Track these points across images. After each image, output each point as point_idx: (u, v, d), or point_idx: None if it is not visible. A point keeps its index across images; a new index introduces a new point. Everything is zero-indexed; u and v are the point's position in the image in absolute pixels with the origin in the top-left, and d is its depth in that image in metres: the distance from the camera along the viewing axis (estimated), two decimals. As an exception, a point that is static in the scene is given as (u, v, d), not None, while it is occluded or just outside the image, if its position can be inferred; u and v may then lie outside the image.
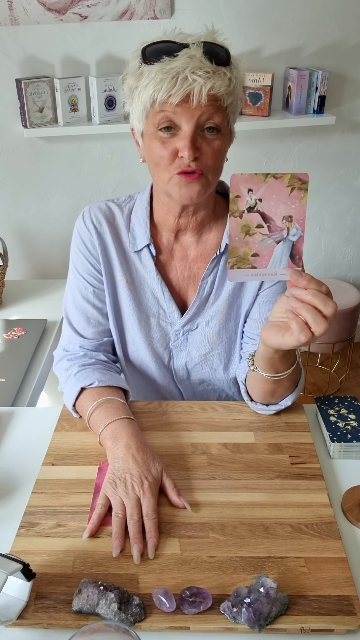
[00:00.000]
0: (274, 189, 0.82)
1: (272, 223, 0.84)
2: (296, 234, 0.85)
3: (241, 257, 0.86)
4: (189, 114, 0.99)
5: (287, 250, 0.86)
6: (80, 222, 1.21)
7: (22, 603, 0.78)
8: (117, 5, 2.34)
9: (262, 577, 0.78)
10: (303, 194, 0.83)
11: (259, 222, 0.84)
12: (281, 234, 0.85)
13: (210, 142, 1.03)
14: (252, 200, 0.83)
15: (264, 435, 1.09)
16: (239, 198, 0.82)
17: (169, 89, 0.97)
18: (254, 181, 0.82)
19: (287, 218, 0.84)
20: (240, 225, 0.84)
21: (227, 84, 1.00)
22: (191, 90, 0.97)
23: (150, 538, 0.87)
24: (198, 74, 0.97)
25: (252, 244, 0.85)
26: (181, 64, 0.97)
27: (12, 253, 2.60)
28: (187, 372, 1.26)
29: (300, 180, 0.82)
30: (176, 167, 1.03)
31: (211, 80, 0.98)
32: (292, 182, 0.82)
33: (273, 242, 0.85)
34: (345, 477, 1.01)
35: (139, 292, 1.21)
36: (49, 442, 1.08)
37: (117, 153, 2.60)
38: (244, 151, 2.66)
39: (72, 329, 1.22)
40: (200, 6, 2.40)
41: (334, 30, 2.52)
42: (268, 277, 0.88)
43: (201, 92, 0.97)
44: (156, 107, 1.01)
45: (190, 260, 1.20)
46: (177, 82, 0.97)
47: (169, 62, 0.98)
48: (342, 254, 3.03)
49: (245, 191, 0.82)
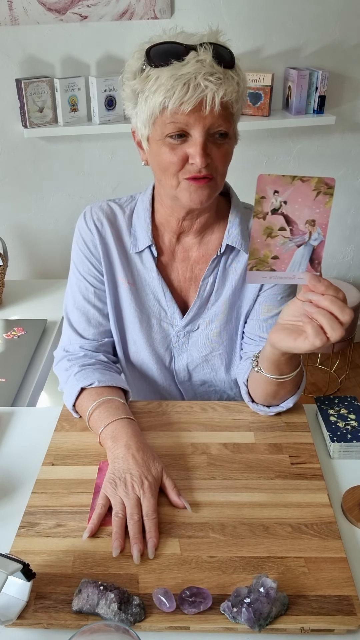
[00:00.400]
0: (300, 192, 0.81)
1: (295, 226, 0.83)
2: (318, 238, 0.84)
3: (261, 259, 0.85)
4: (201, 121, 0.97)
5: (308, 255, 0.85)
6: (81, 222, 1.20)
7: (22, 603, 0.78)
8: (117, 5, 2.34)
9: (262, 577, 0.78)
10: (328, 199, 0.82)
11: (282, 224, 0.83)
12: (303, 238, 0.84)
13: (220, 147, 1.02)
14: (277, 202, 0.82)
15: (264, 435, 1.09)
16: (264, 199, 0.81)
17: (181, 97, 0.95)
18: (280, 183, 0.80)
19: (310, 222, 0.83)
20: (263, 227, 0.83)
21: (236, 90, 0.98)
22: (204, 97, 0.95)
23: (150, 538, 0.87)
24: (210, 80, 0.94)
25: (273, 246, 0.84)
26: (193, 70, 0.94)
27: (12, 253, 2.60)
28: (189, 373, 1.26)
29: (326, 185, 0.81)
30: (186, 173, 1.02)
31: (223, 86, 0.96)
32: (318, 186, 0.81)
33: (294, 246, 0.84)
34: (345, 477, 1.01)
35: (140, 293, 1.21)
36: (49, 442, 1.08)
37: (117, 153, 2.60)
38: (244, 151, 2.66)
39: (73, 330, 1.22)
40: (200, 6, 2.40)
41: (334, 30, 2.52)
42: (286, 280, 0.87)
43: (214, 100, 0.95)
44: (167, 114, 0.98)
45: (192, 262, 1.20)
46: (189, 89, 0.94)
47: (179, 67, 0.95)
48: (342, 254, 3.03)
49: (272, 192, 0.81)
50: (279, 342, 0.92)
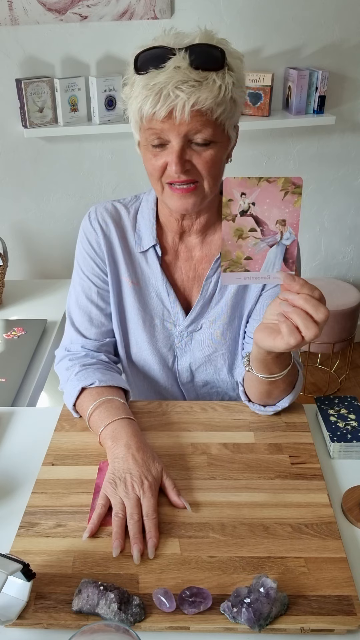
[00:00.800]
0: (268, 192, 0.82)
1: (266, 227, 0.84)
2: (290, 237, 0.85)
3: (234, 261, 0.86)
4: (175, 130, 0.98)
5: (281, 254, 0.86)
6: (86, 222, 1.20)
7: (22, 603, 0.78)
8: (117, 5, 2.34)
9: (262, 577, 0.78)
10: (297, 198, 0.82)
11: (252, 225, 0.84)
12: (274, 238, 0.85)
13: (201, 153, 1.02)
14: (245, 204, 0.82)
15: (264, 435, 1.09)
16: (232, 202, 0.82)
17: (153, 105, 0.96)
18: (247, 185, 0.81)
19: (281, 222, 0.84)
20: (233, 228, 0.84)
21: (215, 95, 0.97)
22: (174, 106, 0.96)
23: (151, 538, 0.87)
24: (181, 88, 0.94)
25: (245, 247, 0.85)
26: (164, 79, 0.95)
27: (12, 253, 2.60)
28: (191, 373, 1.26)
29: (294, 184, 0.81)
30: (167, 178, 1.04)
31: (195, 94, 0.95)
32: (285, 186, 0.82)
33: (266, 246, 0.85)
34: (345, 477, 1.01)
35: (144, 292, 1.21)
36: (49, 442, 1.08)
37: (117, 153, 2.60)
38: (244, 151, 2.66)
39: (75, 329, 1.22)
40: (200, 6, 2.40)
41: (334, 30, 2.52)
42: (261, 280, 0.87)
43: (184, 108, 0.95)
44: (144, 122, 1.00)
45: (195, 261, 1.20)
46: (160, 97, 0.95)
47: (155, 75, 0.96)
48: (342, 254, 3.03)
49: (238, 195, 0.82)
50: (260, 341, 0.92)
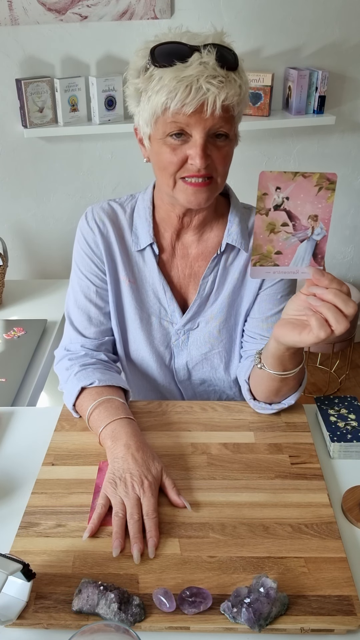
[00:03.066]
0: (302, 187, 0.82)
1: (298, 222, 0.84)
2: (320, 233, 0.85)
3: (264, 255, 0.86)
4: (202, 124, 0.99)
5: (311, 249, 0.86)
6: (83, 223, 1.21)
7: (22, 603, 0.78)
8: (117, 5, 2.34)
9: (262, 577, 0.78)
10: (330, 194, 0.82)
11: (284, 220, 0.84)
12: (305, 233, 0.85)
13: (220, 148, 1.03)
14: (279, 198, 0.82)
15: (264, 435, 1.09)
16: (267, 196, 0.82)
17: (183, 99, 0.96)
18: (282, 179, 0.81)
19: (313, 217, 0.84)
20: (266, 223, 0.84)
21: (238, 92, 0.99)
22: (205, 100, 0.96)
23: (151, 537, 0.87)
24: (212, 83, 0.95)
25: (275, 241, 0.85)
26: (195, 72, 0.95)
27: (12, 253, 2.60)
28: (188, 371, 1.26)
29: (328, 180, 0.82)
30: (184, 172, 1.04)
31: (225, 89, 0.96)
32: (320, 182, 0.82)
33: (297, 241, 0.85)
34: (345, 477, 1.01)
35: (141, 291, 1.21)
36: (49, 442, 1.08)
37: (117, 153, 2.60)
38: (244, 151, 2.66)
39: (74, 329, 1.22)
40: (200, 6, 2.40)
41: (334, 30, 2.52)
42: (290, 274, 0.88)
43: (215, 102, 0.96)
44: (168, 115, 0.99)
45: (191, 259, 1.21)
46: (191, 91, 0.95)
47: (182, 68, 0.96)
48: (342, 254, 3.03)
49: (273, 189, 0.82)
50: (283, 337, 0.92)
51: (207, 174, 1.03)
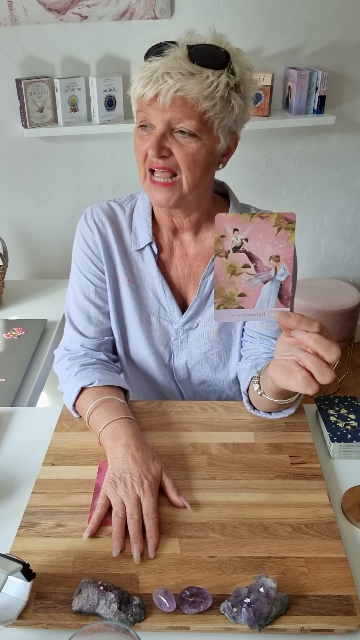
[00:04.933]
0: (260, 228, 0.80)
1: (259, 263, 0.82)
2: (284, 273, 0.83)
3: (227, 297, 0.84)
4: (159, 114, 1.01)
5: (275, 290, 0.84)
6: (82, 223, 1.21)
7: (22, 603, 0.78)
8: (117, 5, 2.34)
9: (262, 577, 0.78)
10: (290, 234, 0.81)
11: (245, 261, 0.82)
12: (269, 274, 0.83)
13: (183, 144, 1.03)
14: (237, 240, 0.81)
15: (264, 435, 1.09)
16: (224, 238, 0.81)
17: (144, 86, 1.00)
18: (239, 221, 0.80)
19: (275, 258, 0.82)
20: (226, 265, 0.82)
21: (203, 87, 0.99)
22: (160, 90, 0.99)
23: (151, 537, 0.87)
24: (171, 75, 0.98)
25: (238, 284, 0.83)
26: (158, 64, 0.99)
27: (12, 253, 2.60)
28: (188, 371, 1.26)
29: (287, 220, 0.80)
30: (148, 162, 1.06)
31: (182, 82, 0.98)
32: (278, 222, 0.80)
33: (260, 282, 0.83)
34: (345, 477, 1.01)
35: (140, 290, 1.21)
36: (49, 442, 1.08)
37: (117, 153, 2.60)
38: (244, 151, 2.65)
39: (74, 328, 1.22)
40: (200, 6, 2.40)
41: (334, 30, 2.52)
42: (256, 317, 0.85)
43: (168, 93, 0.98)
44: (137, 104, 1.05)
45: (190, 258, 1.21)
46: (151, 80, 0.99)
47: (153, 61, 1.01)
48: (342, 254, 3.03)
49: (231, 231, 0.80)
50: (276, 381, 0.90)
51: (166, 168, 1.04)
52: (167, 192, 1.06)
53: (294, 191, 2.82)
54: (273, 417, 1.11)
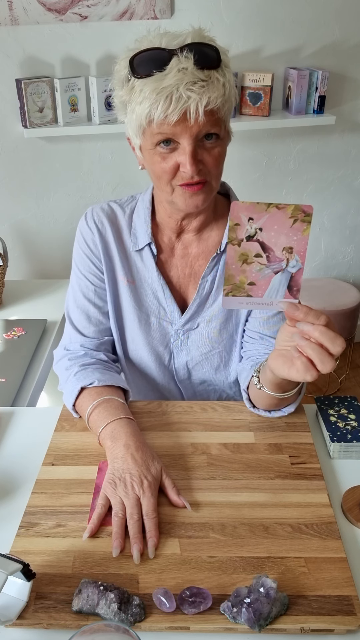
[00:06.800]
0: (276, 219, 0.79)
1: (272, 253, 0.82)
2: (296, 265, 0.83)
3: (237, 285, 0.84)
4: (188, 131, 0.98)
5: (285, 282, 0.84)
6: (82, 223, 1.21)
7: (22, 603, 0.78)
8: (117, 5, 2.34)
9: (262, 577, 0.78)
10: (306, 227, 0.80)
11: (257, 251, 0.81)
12: (280, 265, 0.82)
13: (211, 150, 1.02)
14: (252, 229, 0.80)
15: (264, 435, 1.09)
16: (239, 226, 0.80)
17: (165, 109, 0.95)
18: (255, 210, 0.79)
19: (288, 249, 0.81)
20: (238, 253, 0.81)
21: (222, 93, 0.97)
22: (187, 108, 0.95)
23: (151, 537, 0.87)
24: (192, 89, 0.94)
25: (249, 272, 0.83)
26: (174, 82, 0.94)
27: (12, 253, 2.60)
28: (188, 371, 1.26)
29: (304, 212, 0.79)
30: (179, 180, 1.03)
31: (206, 93, 0.95)
32: (295, 214, 0.79)
33: (271, 272, 0.83)
34: (345, 477, 1.01)
35: (140, 291, 1.21)
36: (49, 442, 1.08)
37: (117, 153, 2.60)
38: (244, 151, 2.66)
39: (73, 328, 1.22)
40: (200, 6, 2.40)
41: (334, 30, 2.52)
42: (263, 306, 0.85)
43: (198, 110, 0.95)
44: (153, 126, 0.99)
45: (191, 258, 1.21)
46: (172, 101, 0.94)
47: (161, 78, 0.95)
48: (342, 254, 3.03)
49: (246, 220, 0.79)
50: (276, 370, 0.90)
51: (201, 180, 1.03)
52: (202, 194, 1.05)
53: (294, 191, 2.82)
54: (273, 416, 1.11)
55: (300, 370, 0.84)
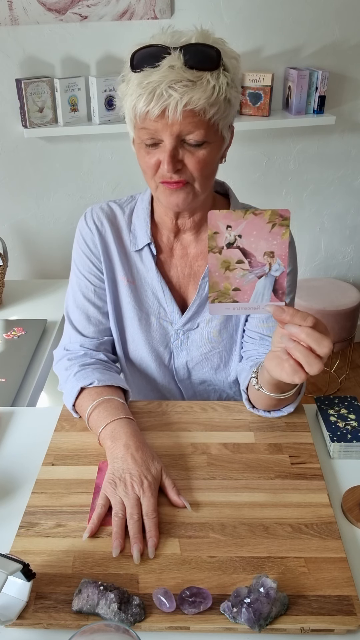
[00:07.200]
0: (254, 225, 0.80)
1: (253, 259, 0.82)
2: (278, 269, 0.83)
3: (222, 292, 0.84)
4: (168, 129, 0.99)
5: (270, 285, 0.84)
6: (82, 223, 1.22)
7: (22, 603, 0.78)
8: (117, 5, 2.34)
9: (262, 577, 0.78)
10: (284, 230, 0.81)
11: (239, 257, 0.82)
12: (263, 269, 0.83)
13: (194, 153, 1.02)
14: (231, 236, 0.81)
15: (264, 435, 1.09)
16: (218, 234, 0.80)
17: (147, 104, 0.96)
18: (232, 218, 0.80)
19: (269, 254, 0.82)
20: (220, 260, 0.82)
21: (208, 95, 0.96)
22: (167, 106, 0.96)
23: (151, 537, 0.87)
24: (174, 88, 0.95)
25: (232, 279, 0.83)
26: (158, 78, 0.95)
27: (12, 253, 2.60)
28: (188, 371, 1.26)
29: (281, 217, 0.80)
30: (159, 177, 1.05)
31: (188, 94, 0.95)
32: (272, 219, 0.80)
33: (255, 277, 0.83)
34: (345, 477, 1.01)
35: (140, 291, 1.21)
36: (49, 442, 1.08)
37: (117, 153, 2.60)
38: (244, 151, 2.66)
39: (73, 328, 1.23)
40: (200, 6, 2.40)
41: (334, 30, 2.52)
42: (250, 310, 0.86)
43: (176, 108, 0.95)
44: (138, 120, 1.01)
45: (190, 258, 1.21)
46: (154, 96, 0.95)
47: (149, 73, 0.96)
48: (342, 254, 3.03)
49: (224, 227, 0.80)
50: (270, 371, 0.91)
51: (179, 180, 1.03)
52: (182, 194, 1.05)
53: (294, 191, 2.82)
54: (272, 416, 1.11)
55: (288, 372, 0.85)
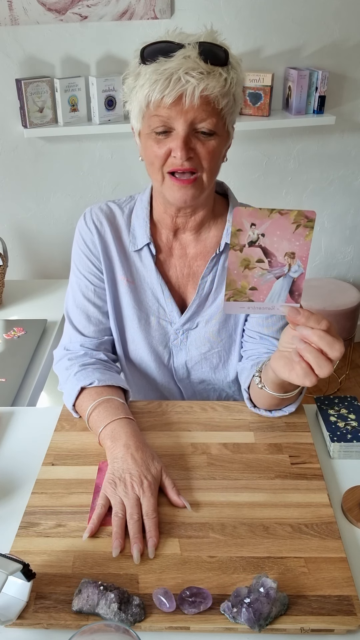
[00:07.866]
0: (279, 224, 0.79)
1: (274, 258, 0.82)
2: (297, 270, 0.82)
3: (238, 290, 0.83)
4: (182, 116, 1.00)
5: (287, 286, 0.84)
6: (81, 223, 1.22)
7: (22, 603, 0.78)
8: (117, 5, 2.34)
9: (262, 577, 0.78)
10: (308, 232, 0.80)
11: (259, 256, 0.81)
12: (282, 270, 0.82)
13: (205, 142, 1.03)
14: (254, 235, 0.80)
15: (264, 435, 1.09)
16: (241, 232, 0.80)
17: (163, 90, 0.98)
18: (258, 216, 0.79)
19: (290, 255, 0.81)
20: (240, 259, 0.81)
21: (221, 85, 1.00)
22: (184, 91, 0.98)
23: (151, 537, 0.87)
24: (192, 74, 0.97)
25: (250, 277, 0.83)
26: (175, 65, 0.98)
27: (12, 253, 2.60)
28: (187, 370, 1.26)
29: (306, 218, 0.79)
30: (169, 166, 1.05)
31: (204, 81, 0.98)
32: (298, 219, 0.79)
33: (273, 277, 0.83)
34: (345, 477, 1.01)
35: (139, 290, 1.21)
36: (49, 442, 1.08)
37: (117, 153, 2.60)
38: (244, 151, 2.66)
39: (73, 328, 1.23)
40: (200, 6, 2.40)
41: (334, 30, 2.52)
42: (265, 310, 0.85)
43: (194, 93, 0.98)
44: (151, 108, 1.02)
45: (189, 258, 1.21)
46: (170, 82, 0.98)
47: (164, 62, 0.99)
48: (342, 254, 3.03)
49: (248, 225, 0.79)
50: (277, 371, 0.90)
51: (190, 169, 1.04)
52: (191, 189, 1.06)
53: (294, 191, 2.82)
54: (274, 415, 1.11)
55: (299, 375, 0.85)
